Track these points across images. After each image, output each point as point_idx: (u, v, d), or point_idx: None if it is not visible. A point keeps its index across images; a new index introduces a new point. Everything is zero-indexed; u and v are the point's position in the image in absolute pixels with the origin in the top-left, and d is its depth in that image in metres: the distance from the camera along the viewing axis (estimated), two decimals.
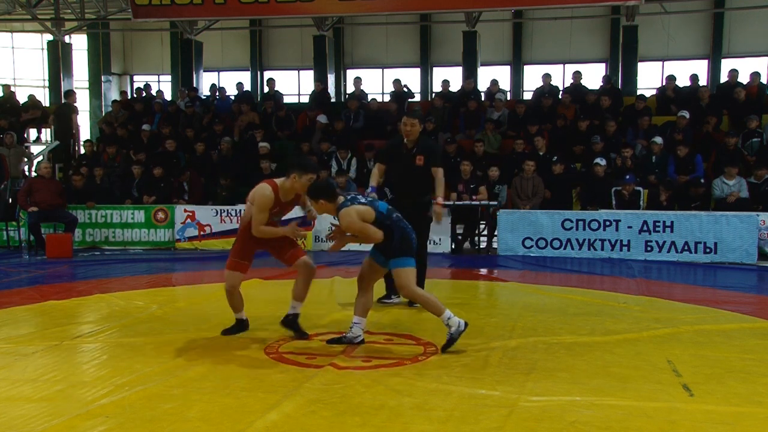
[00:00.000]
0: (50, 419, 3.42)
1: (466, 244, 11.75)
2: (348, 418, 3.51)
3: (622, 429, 3.34)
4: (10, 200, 12.63)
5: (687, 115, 12.48)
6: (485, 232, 11.57)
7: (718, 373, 4.35)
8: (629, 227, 10.63)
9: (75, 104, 16.45)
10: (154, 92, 17.75)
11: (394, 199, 6.84)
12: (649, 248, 10.57)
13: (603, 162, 11.48)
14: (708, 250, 10.36)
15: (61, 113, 16.13)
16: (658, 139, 11.89)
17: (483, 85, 16.68)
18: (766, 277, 9.29)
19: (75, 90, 18.13)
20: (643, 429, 3.35)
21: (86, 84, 22.88)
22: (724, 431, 3.34)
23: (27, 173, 14.82)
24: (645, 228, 10.59)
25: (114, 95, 22.46)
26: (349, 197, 4.94)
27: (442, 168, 6.74)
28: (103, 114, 19.36)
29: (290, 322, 5.36)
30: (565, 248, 10.86)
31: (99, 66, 22.75)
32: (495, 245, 11.39)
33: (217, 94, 16.88)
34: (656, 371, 4.39)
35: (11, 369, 4.43)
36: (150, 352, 4.84)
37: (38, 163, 13.82)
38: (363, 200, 4.95)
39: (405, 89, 15.75)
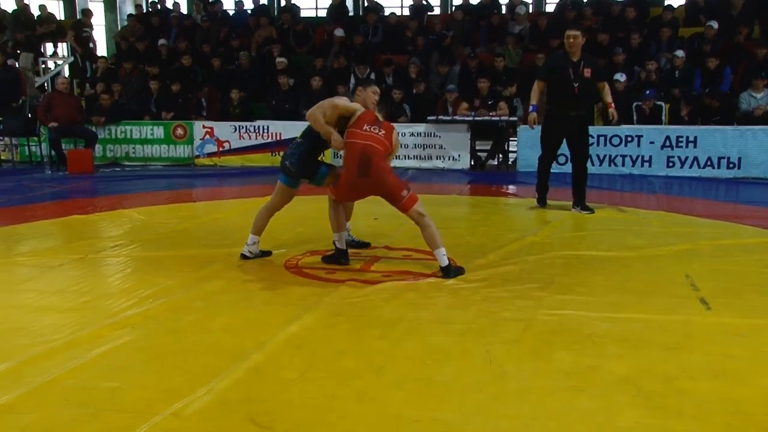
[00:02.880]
0: (79, 329, 3.52)
1: (492, 161, 11.65)
2: (367, 330, 3.57)
3: (638, 341, 3.38)
4: (30, 115, 12.66)
5: (715, 25, 12.07)
6: (514, 149, 11.45)
7: (735, 287, 4.36)
8: (651, 143, 10.48)
9: (88, 24, 16.12)
10: (169, 5, 17.42)
11: (554, 113, 7.26)
12: (671, 164, 10.45)
13: (623, 78, 11.19)
14: (731, 165, 10.22)
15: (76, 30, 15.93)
16: (680, 53, 11.56)
17: None
18: None
19: (90, 8, 17.85)
20: (659, 341, 3.38)
21: None
22: (738, 343, 3.37)
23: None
24: (667, 143, 10.44)
25: (129, 9, 22.08)
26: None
27: (606, 81, 7.41)
28: (119, 29, 19.09)
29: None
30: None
31: None
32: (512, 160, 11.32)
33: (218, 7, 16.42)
34: (674, 286, 4.40)
35: (39, 281, 4.54)
36: (172, 266, 4.93)
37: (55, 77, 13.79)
38: None
39: (424, 2, 15.33)
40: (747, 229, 6.23)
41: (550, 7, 20.04)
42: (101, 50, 19.68)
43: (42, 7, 16.65)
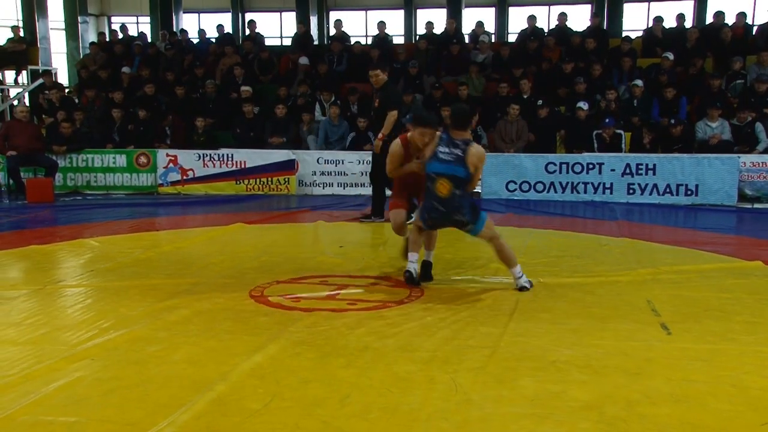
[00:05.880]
0: (36, 362, 3.43)
1: None
2: (332, 359, 3.54)
3: (601, 367, 3.41)
4: None
5: (671, 56, 12.44)
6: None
7: (695, 312, 4.43)
8: (612, 170, 10.68)
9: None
10: (131, 34, 17.36)
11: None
12: (631, 191, 10.65)
13: (585, 106, 11.45)
14: (689, 192, 10.45)
15: None
16: (639, 82, 11.88)
17: (468, 27, 16.47)
18: (745, 218, 9.41)
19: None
20: (622, 367, 3.42)
21: (62, 25, 22.31)
22: (698, 367, 3.41)
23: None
24: (628, 171, 10.65)
25: (91, 37, 21.99)
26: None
27: (395, 110, 7.79)
28: (81, 56, 18.95)
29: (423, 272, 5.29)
30: (548, 191, 10.91)
31: (75, 6, 22.16)
32: (478, 189, 11.42)
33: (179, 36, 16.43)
34: (635, 311, 4.46)
35: None
36: (134, 296, 4.85)
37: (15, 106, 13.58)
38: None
39: (387, 33, 15.51)
40: (705, 255, 6.36)
41: (512, 37, 20.45)
42: (62, 78, 19.51)
43: (14, 28, 16.44)
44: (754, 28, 14.25)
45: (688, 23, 15.21)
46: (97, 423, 2.80)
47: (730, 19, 13.75)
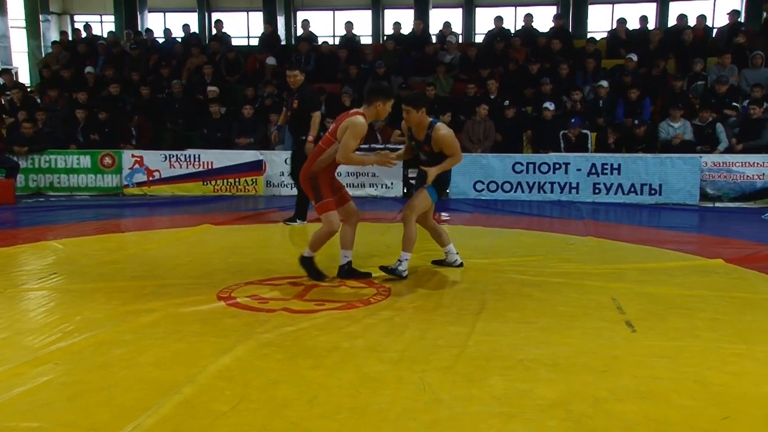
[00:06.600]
0: None
1: None
2: (301, 360, 3.53)
3: (568, 365, 3.44)
4: None
5: (635, 57, 12.63)
6: None
7: (659, 309, 4.50)
8: (578, 170, 10.81)
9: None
10: (95, 33, 17.11)
11: (293, 139, 8.33)
12: (597, 190, 10.80)
13: (552, 106, 11.58)
14: (653, 192, 10.63)
15: None
16: (604, 83, 12.05)
17: (435, 27, 16.53)
18: (707, 217, 9.58)
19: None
20: (589, 364, 3.45)
21: (23, 23, 21.88)
22: (663, 364, 3.47)
23: None
24: (593, 170, 10.79)
25: (53, 36, 21.60)
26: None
27: (317, 111, 7.96)
28: (43, 55, 18.61)
29: (346, 272, 5.41)
30: (515, 191, 11.01)
31: (36, 4, 21.74)
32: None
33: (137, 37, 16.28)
34: (602, 309, 4.51)
35: None
36: (100, 298, 4.77)
37: None
38: None
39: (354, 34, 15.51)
40: (668, 254, 6.46)
41: (479, 38, 20.56)
42: (23, 77, 19.15)
43: None
44: (714, 31, 14.56)
45: (651, 25, 15.46)
46: (62, 428, 2.75)
47: (690, 22, 14.01)
